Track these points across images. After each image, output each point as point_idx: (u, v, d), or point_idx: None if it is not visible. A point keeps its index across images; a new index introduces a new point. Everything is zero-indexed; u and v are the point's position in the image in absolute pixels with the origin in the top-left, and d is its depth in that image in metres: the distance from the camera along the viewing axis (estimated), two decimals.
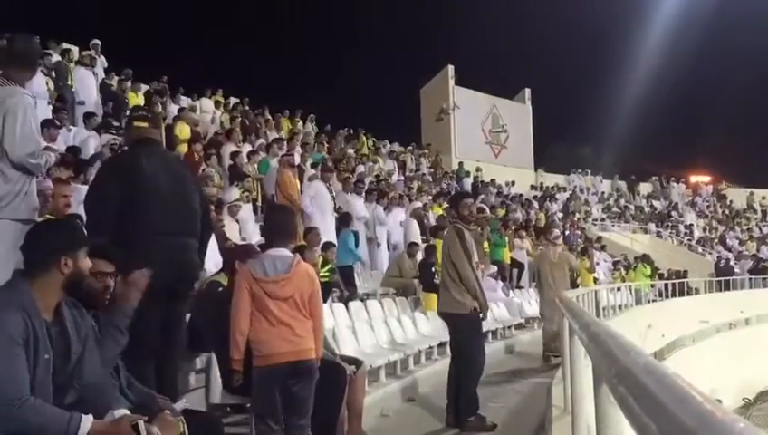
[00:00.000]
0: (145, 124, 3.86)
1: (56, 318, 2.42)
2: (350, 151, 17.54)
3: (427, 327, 8.71)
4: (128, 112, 10.55)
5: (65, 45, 13.36)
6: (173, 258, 3.60)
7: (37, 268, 2.41)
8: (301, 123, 18.22)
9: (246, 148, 12.55)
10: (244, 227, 9.25)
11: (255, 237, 8.47)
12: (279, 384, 3.77)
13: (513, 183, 25.78)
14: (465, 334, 5.66)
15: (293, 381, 3.78)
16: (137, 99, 12.83)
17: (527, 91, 30.85)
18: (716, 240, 28.27)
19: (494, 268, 12.49)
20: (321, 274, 7.26)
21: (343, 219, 10.17)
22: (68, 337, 2.43)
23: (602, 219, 27.79)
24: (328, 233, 9.33)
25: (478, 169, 24.73)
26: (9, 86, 3.62)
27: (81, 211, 4.29)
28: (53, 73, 11.59)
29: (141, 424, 2.31)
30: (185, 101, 15.02)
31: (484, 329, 7.41)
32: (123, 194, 3.56)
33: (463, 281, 5.53)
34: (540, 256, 10.25)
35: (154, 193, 3.63)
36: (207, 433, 2.89)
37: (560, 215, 24.12)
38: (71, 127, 10.23)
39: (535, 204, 24.15)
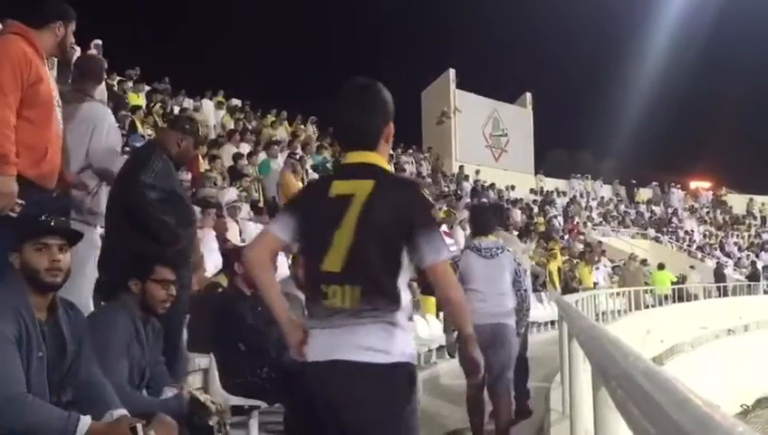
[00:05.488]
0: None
1: (50, 317, 2.43)
2: None
3: (425, 331, 8.68)
4: (127, 113, 10.66)
5: None
6: None
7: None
8: (302, 126, 18.20)
9: (246, 148, 12.53)
10: (244, 227, 9.23)
11: None
12: None
13: (513, 187, 25.72)
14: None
15: None
16: (138, 100, 12.82)
17: (528, 95, 30.81)
18: (716, 246, 28.26)
19: None
20: None
21: None
22: (63, 336, 2.44)
23: (601, 223, 27.76)
24: None
25: (478, 173, 24.71)
26: (93, 102, 3.90)
27: None
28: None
29: (139, 427, 2.31)
30: (186, 103, 15.01)
31: None
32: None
33: None
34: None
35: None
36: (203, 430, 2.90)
37: (560, 220, 24.08)
38: None
39: (535, 208, 24.14)
